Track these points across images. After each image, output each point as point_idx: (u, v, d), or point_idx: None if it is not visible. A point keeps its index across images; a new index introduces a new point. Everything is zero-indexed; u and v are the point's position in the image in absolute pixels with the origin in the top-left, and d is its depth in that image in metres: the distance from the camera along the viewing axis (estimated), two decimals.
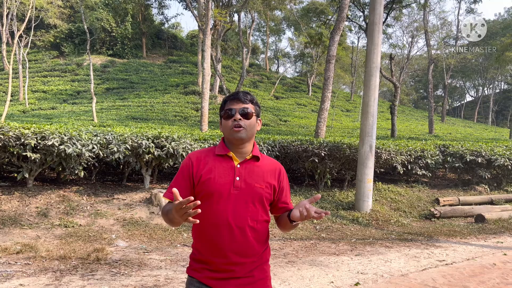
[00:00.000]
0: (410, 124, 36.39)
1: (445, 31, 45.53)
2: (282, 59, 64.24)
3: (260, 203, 1.84)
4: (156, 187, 8.15)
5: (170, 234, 6.16)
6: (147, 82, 35.03)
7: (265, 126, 24.58)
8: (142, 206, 6.86)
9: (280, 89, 42.35)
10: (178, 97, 30.50)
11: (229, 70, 42.62)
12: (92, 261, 4.81)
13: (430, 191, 10.33)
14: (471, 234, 7.22)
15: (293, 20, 46.38)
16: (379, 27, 8.15)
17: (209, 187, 1.80)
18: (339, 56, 42.23)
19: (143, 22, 42.10)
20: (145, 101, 28.80)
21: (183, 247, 5.71)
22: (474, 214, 8.56)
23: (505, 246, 6.43)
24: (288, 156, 9.29)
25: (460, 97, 75.14)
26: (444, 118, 44.90)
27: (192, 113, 25.93)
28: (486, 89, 63.82)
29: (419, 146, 10.64)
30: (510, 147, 11.52)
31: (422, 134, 26.51)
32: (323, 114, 12.13)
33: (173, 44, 48.81)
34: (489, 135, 32.78)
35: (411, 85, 69.07)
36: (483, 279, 4.68)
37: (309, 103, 36.89)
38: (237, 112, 1.83)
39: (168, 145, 7.16)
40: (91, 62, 22.15)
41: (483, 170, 10.58)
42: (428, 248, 6.20)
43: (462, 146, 11.14)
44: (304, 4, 39.67)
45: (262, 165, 1.91)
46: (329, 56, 11.58)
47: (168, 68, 40.38)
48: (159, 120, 23.15)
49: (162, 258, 5.14)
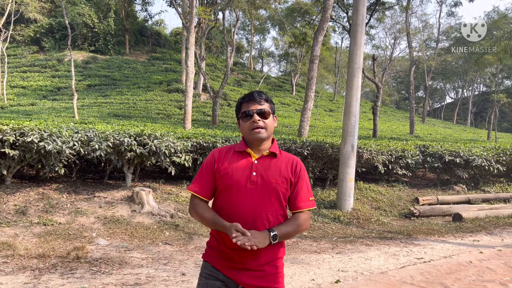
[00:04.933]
0: (392, 125, 36.92)
1: (427, 33, 46.34)
2: (267, 58, 64.30)
3: (276, 198, 1.90)
4: (138, 185, 8.08)
5: (152, 232, 6.13)
6: (130, 79, 34.63)
7: None
8: (124, 204, 6.80)
9: (264, 88, 42.42)
10: (161, 95, 30.25)
11: (213, 68, 42.47)
12: (72, 260, 4.75)
13: (410, 190, 10.52)
14: (448, 233, 7.38)
15: (277, 19, 46.48)
16: (362, 28, 8.25)
17: (227, 181, 1.90)
18: (323, 57, 42.49)
19: (126, 18, 41.57)
20: (127, 99, 28.48)
21: (164, 245, 5.68)
22: (452, 213, 8.75)
23: (481, 245, 6.60)
24: None
25: (440, 99, 76.60)
26: (425, 119, 45.71)
27: (175, 111, 25.77)
28: (466, 91, 65.19)
29: (400, 146, 10.81)
30: (487, 148, 11.82)
31: (404, 135, 26.93)
32: (306, 113, 12.22)
33: (157, 41, 48.35)
34: (467, 136, 33.52)
35: (393, 86, 70.03)
36: (460, 276, 4.80)
37: (293, 102, 37.06)
38: (255, 113, 1.91)
39: (150, 143, 7.12)
40: (72, 58, 21.77)
41: (461, 170, 10.82)
42: (407, 246, 6.32)
43: (441, 147, 11.38)
44: (288, 4, 39.84)
45: (279, 161, 1.96)
46: (313, 56, 11.66)
47: (151, 66, 39.98)
48: (142, 117, 22.92)
49: (143, 257, 5.11)
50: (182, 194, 7.79)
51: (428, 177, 12.29)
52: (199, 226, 6.54)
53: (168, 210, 6.89)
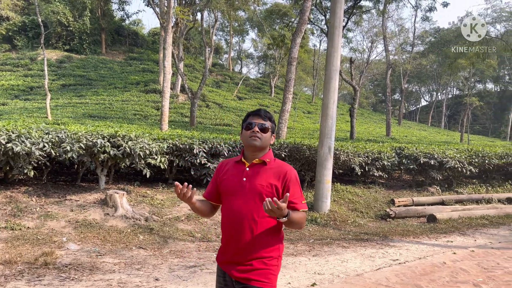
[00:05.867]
0: (369, 127, 37.44)
1: (403, 37, 47.23)
2: (246, 60, 64.33)
3: (261, 201, 2.06)
4: (112, 187, 7.88)
5: (125, 236, 5.97)
6: (106, 79, 33.98)
7: (228, 126, 24.49)
8: (97, 208, 6.61)
9: (243, 89, 42.34)
10: (138, 95, 29.78)
11: (191, 69, 42.15)
12: (39, 266, 4.57)
13: (386, 191, 10.63)
14: (423, 234, 7.48)
15: (256, 21, 46.50)
16: (339, 31, 8.29)
17: (224, 187, 2.22)
18: (301, 59, 42.75)
19: (103, 17, 40.79)
20: (103, 99, 27.91)
21: (138, 249, 5.54)
22: (426, 214, 8.88)
23: (454, 245, 6.70)
24: None
25: (415, 102, 78.26)
26: (401, 121, 46.56)
27: (152, 112, 25.40)
28: (440, 94, 66.81)
29: (376, 148, 10.93)
30: (460, 150, 12.08)
31: (380, 137, 27.33)
32: (284, 115, 12.21)
33: (134, 41, 47.66)
34: (441, 138, 34.30)
35: (370, 88, 71.12)
36: (434, 277, 4.85)
37: (272, 104, 37.11)
38: (256, 125, 2.18)
39: (124, 145, 6.95)
40: (45, 56, 21.16)
41: (435, 172, 11.02)
42: (383, 247, 6.36)
43: (416, 149, 11.55)
44: (267, 6, 39.92)
45: (269, 168, 2.18)
46: (291, 58, 11.67)
47: (128, 66, 39.35)
48: (118, 118, 22.48)
49: (115, 262, 4.96)
50: (157, 197, 7.64)
51: (403, 179, 12.46)
52: (174, 230, 6.42)
53: (143, 213, 6.73)
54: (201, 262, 5.15)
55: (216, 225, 6.94)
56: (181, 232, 6.40)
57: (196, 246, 5.90)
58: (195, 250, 5.69)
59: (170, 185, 8.63)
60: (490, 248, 6.51)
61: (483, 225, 8.47)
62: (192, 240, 6.15)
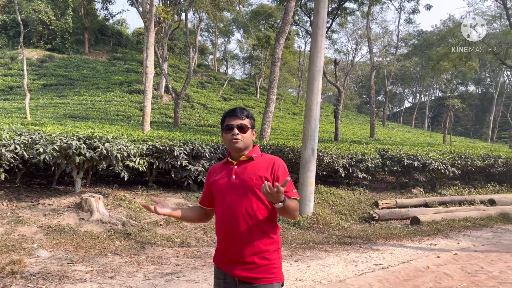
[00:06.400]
0: (353, 128, 37.61)
1: (387, 39, 47.67)
2: (231, 61, 64.07)
3: (253, 194, 2.10)
4: (89, 191, 7.62)
5: (101, 242, 5.72)
6: (89, 79, 33.40)
7: (213, 127, 24.25)
8: (71, 212, 6.34)
9: (229, 90, 42.13)
10: (121, 96, 29.34)
11: (176, 69, 41.75)
12: (6, 275, 4.32)
13: (370, 193, 10.57)
14: (407, 237, 7.40)
15: (242, 22, 46.37)
16: (322, 31, 8.18)
17: (215, 188, 2.22)
18: (286, 60, 42.73)
19: (86, 16, 40.12)
20: (85, 99, 27.42)
21: (113, 256, 5.31)
22: (410, 216, 8.83)
23: (438, 248, 6.64)
24: None
25: (399, 103, 79.14)
26: (385, 122, 46.94)
27: (136, 113, 25.02)
28: (423, 96, 67.69)
29: (360, 150, 10.86)
30: (443, 152, 12.11)
31: (364, 138, 27.43)
32: (268, 116, 12.07)
33: (118, 41, 47.03)
34: (425, 140, 34.64)
35: (355, 90, 71.61)
36: (417, 283, 4.74)
37: (257, 105, 36.98)
38: (235, 127, 2.17)
39: (101, 146, 6.70)
40: (25, 55, 20.64)
41: (419, 174, 11.01)
42: (366, 251, 6.25)
43: (400, 150, 11.53)
44: (253, 7, 39.82)
45: (256, 163, 2.19)
46: (274, 58, 11.54)
47: (111, 66, 38.78)
48: (100, 119, 22.07)
49: (88, 269, 4.73)
50: (136, 200, 7.40)
51: (387, 180, 12.43)
52: (152, 235, 6.20)
53: (120, 217, 6.50)
54: (178, 269, 4.95)
55: (196, 229, 6.74)
56: (159, 237, 6.18)
57: (175, 251, 5.70)
58: (173, 256, 5.49)
59: (150, 188, 8.39)
60: (473, 251, 6.46)
61: (466, 227, 8.45)
62: (171, 246, 5.94)
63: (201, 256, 5.58)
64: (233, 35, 62.08)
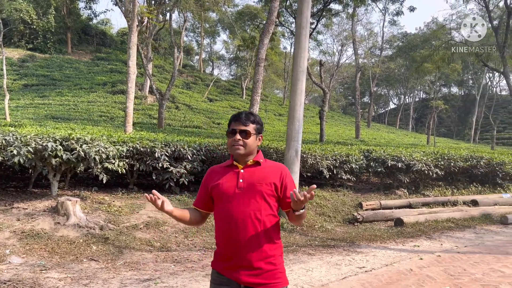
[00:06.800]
0: (339, 129, 37.78)
1: (372, 41, 48.06)
2: (217, 62, 63.87)
3: (262, 198, 2.10)
4: (67, 194, 7.39)
5: (77, 247, 5.52)
6: (71, 79, 32.82)
7: (198, 128, 24.05)
8: (46, 216, 6.12)
9: (214, 91, 41.91)
10: (105, 96, 28.88)
11: (161, 70, 41.36)
12: None
13: (354, 195, 10.53)
14: (390, 238, 7.37)
15: (228, 23, 46.25)
16: (306, 31, 8.10)
17: (217, 192, 2.17)
18: (272, 61, 42.76)
19: (68, 15, 39.49)
20: (68, 100, 26.89)
21: (89, 262, 5.12)
22: (394, 217, 8.81)
23: (421, 250, 6.61)
24: (215, 160, 8.96)
25: (384, 104, 79.89)
26: (370, 124, 47.29)
27: (119, 114, 24.62)
28: (407, 97, 68.42)
29: (344, 151, 10.83)
30: (427, 153, 12.16)
31: (350, 139, 27.53)
32: None
33: (102, 41, 46.40)
34: (409, 141, 34.95)
35: (340, 91, 72.07)
36: (400, 286, 4.68)
37: (243, 106, 36.84)
38: (238, 132, 2.15)
39: (78, 148, 6.49)
40: (4, 55, 20.17)
41: (402, 175, 11.02)
42: (349, 254, 6.18)
43: (384, 152, 11.54)
44: (239, 8, 39.72)
45: (264, 168, 2.19)
46: (258, 59, 11.43)
47: (95, 66, 38.20)
48: (83, 120, 21.66)
49: (62, 276, 4.54)
50: (115, 204, 7.20)
51: (372, 181, 12.44)
52: (131, 239, 6.02)
53: (98, 221, 6.30)
54: (156, 275, 4.80)
55: (177, 233, 6.58)
56: (139, 241, 6.01)
57: (154, 256, 5.54)
58: (152, 261, 5.32)
59: (131, 191, 8.20)
60: (456, 252, 6.45)
61: (449, 228, 8.47)
62: (150, 250, 5.78)
63: (181, 261, 5.43)
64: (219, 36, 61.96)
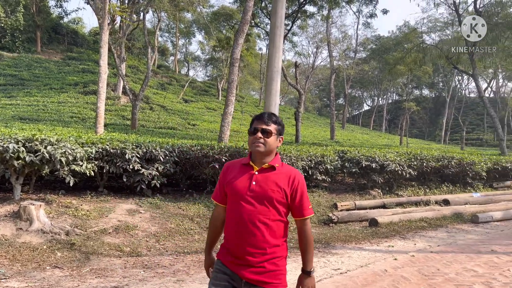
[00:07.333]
0: (314, 130, 38.02)
1: (346, 44, 48.67)
2: (192, 62, 63.32)
3: (271, 204, 2.15)
4: (31, 197, 7.05)
5: (40, 254, 5.24)
6: (41, 79, 31.79)
7: (172, 129, 23.68)
8: (7, 222, 5.80)
9: (190, 92, 41.48)
10: (76, 97, 28.09)
11: (135, 70, 40.62)
12: None
13: (330, 195, 10.52)
14: (365, 239, 7.36)
15: (203, 23, 45.89)
16: (280, 31, 8.03)
17: (231, 190, 2.23)
18: (248, 62, 42.71)
19: (38, 14, 38.24)
20: (37, 100, 26.01)
21: (53, 269, 4.86)
22: (368, 218, 8.83)
23: (395, 250, 6.62)
24: (189, 162, 8.76)
25: (358, 106, 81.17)
26: (345, 125, 47.86)
27: (91, 114, 23.96)
28: (381, 99, 69.72)
29: (320, 152, 10.81)
30: (400, 153, 12.30)
31: (325, 140, 27.72)
32: (227, 118, 11.80)
33: (74, 40, 45.16)
34: (382, 142, 35.53)
35: (316, 93, 72.72)
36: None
37: (219, 107, 36.60)
38: (259, 130, 2.21)
39: (43, 150, 6.19)
40: None
41: (377, 175, 11.09)
42: (324, 256, 6.12)
43: (358, 152, 11.59)
44: (214, 8, 39.48)
45: (278, 173, 2.22)
46: (233, 59, 11.28)
47: (66, 66, 37.13)
48: (52, 121, 20.96)
49: (22, 286, 4.28)
50: (83, 207, 6.91)
51: (346, 182, 12.48)
52: (100, 244, 5.77)
53: (63, 226, 6.01)
54: (125, 282, 4.59)
55: (148, 237, 6.37)
56: (107, 247, 5.76)
57: (123, 262, 5.31)
58: (121, 267, 5.10)
59: (100, 194, 7.91)
60: (429, 252, 6.48)
61: (422, 227, 8.55)
62: (119, 256, 5.55)
63: (152, 266, 5.23)
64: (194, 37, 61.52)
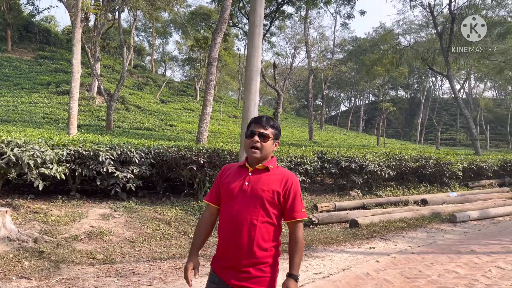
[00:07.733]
0: (293, 131, 38.11)
1: (324, 45, 49.04)
2: (170, 62, 62.58)
3: (261, 206, 2.11)
4: None
5: (6, 263, 4.91)
6: (11, 79, 30.73)
7: (149, 130, 23.22)
8: None
9: (167, 92, 40.94)
10: (48, 97, 27.27)
11: (110, 70, 39.80)
12: None
13: (309, 196, 10.43)
14: (346, 241, 7.27)
15: (180, 23, 45.36)
16: (259, 30, 7.86)
17: (225, 190, 2.23)
18: (226, 63, 42.47)
19: (8, 11, 36.99)
20: (6, 101, 25.09)
21: (19, 279, 4.55)
22: (349, 219, 8.75)
23: (377, 252, 6.55)
24: (166, 163, 8.49)
25: (336, 107, 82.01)
26: (323, 125, 48.19)
27: (64, 115, 23.22)
28: (358, 100, 70.62)
29: (299, 153, 10.71)
30: (379, 154, 12.33)
31: (303, 140, 27.77)
32: (205, 119, 11.57)
33: (46, 39, 43.89)
34: (360, 142, 35.91)
35: (294, 94, 73.03)
36: None
37: (197, 108, 36.21)
38: (257, 134, 2.19)
39: (9, 152, 5.84)
40: None
41: (356, 176, 11.07)
42: (306, 259, 5.98)
43: (338, 153, 11.55)
44: (192, 8, 39.08)
45: (271, 174, 2.20)
46: (211, 58, 11.06)
47: (38, 65, 36.06)
48: (23, 122, 20.22)
49: None
50: (53, 212, 6.57)
51: (326, 183, 12.43)
52: (71, 252, 5.46)
53: (32, 233, 5.68)
54: None
55: (123, 243, 6.09)
56: (79, 254, 5.46)
57: (95, 270, 5.03)
58: (93, 276, 4.83)
59: (72, 198, 7.56)
60: (410, 253, 6.44)
61: (402, 228, 8.54)
62: (92, 263, 5.26)
63: (126, 274, 4.98)
64: (171, 36, 60.83)
